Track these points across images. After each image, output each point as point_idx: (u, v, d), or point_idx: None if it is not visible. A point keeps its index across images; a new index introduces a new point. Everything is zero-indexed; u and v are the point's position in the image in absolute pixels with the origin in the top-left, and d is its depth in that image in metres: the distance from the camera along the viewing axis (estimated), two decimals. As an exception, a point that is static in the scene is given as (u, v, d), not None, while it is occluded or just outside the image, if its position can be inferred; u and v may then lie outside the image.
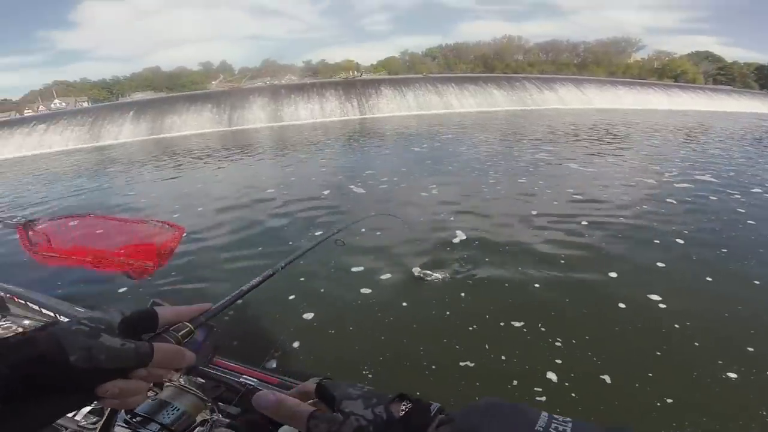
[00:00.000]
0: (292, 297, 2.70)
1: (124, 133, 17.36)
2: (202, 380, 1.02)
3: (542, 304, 2.58)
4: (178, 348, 0.38)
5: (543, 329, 2.29)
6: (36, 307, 1.42)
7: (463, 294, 2.72)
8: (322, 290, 2.83)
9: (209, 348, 0.47)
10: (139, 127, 17.59)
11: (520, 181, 5.75)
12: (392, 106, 20.02)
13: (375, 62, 47.46)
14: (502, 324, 2.36)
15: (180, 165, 9.38)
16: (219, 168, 8.72)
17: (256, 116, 19.03)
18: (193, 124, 18.00)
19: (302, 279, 2.91)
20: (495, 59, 44.30)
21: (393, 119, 17.45)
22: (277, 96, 20.49)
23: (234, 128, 17.91)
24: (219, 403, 0.97)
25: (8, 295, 1.49)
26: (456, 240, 3.61)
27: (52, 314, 1.38)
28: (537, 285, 2.81)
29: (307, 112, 19.45)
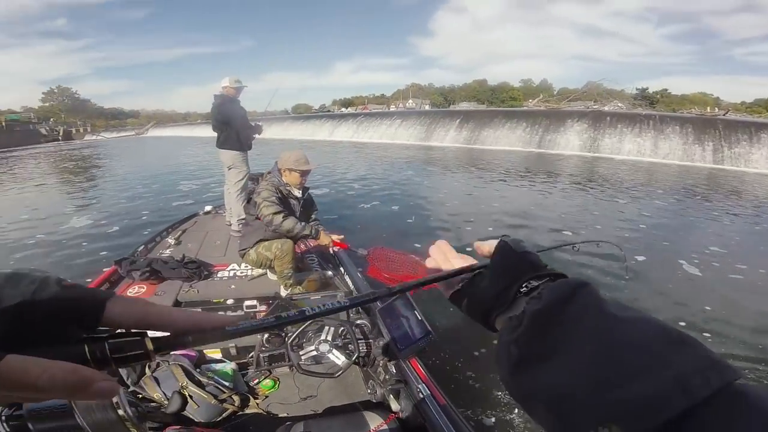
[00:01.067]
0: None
1: (448, 138, 20.99)
2: None
3: None
4: (71, 368, 0.21)
5: None
6: None
7: None
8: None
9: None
10: (460, 135, 20.84)
11: None
12: (776, 161, 14.24)
13: (750, 100, 35.29)
14: None
15: (483, 178, 10.65)
16: (516, 187, 9.25)
17: (569, 142, 18.42)
18: (504, 140, 19.57)
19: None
20: None
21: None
22: (599, 123, 18.93)
23: (541, 150, 18.13)
24: None
25: None
26: None
27: None
28: None
29: (633, 148, 16.93)
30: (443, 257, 0.45)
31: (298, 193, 2.59)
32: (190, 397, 1.71)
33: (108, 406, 0.82)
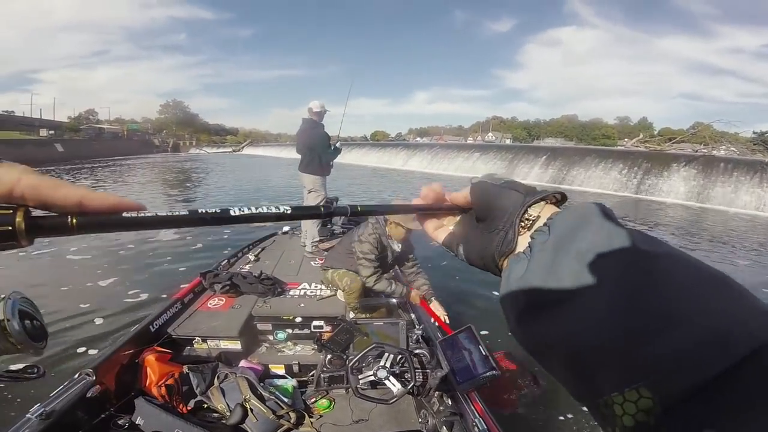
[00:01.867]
0: None
1: (532, 175, 20.11)
2: None
3: None
4: None
5: None
6: None
7: None
8: None
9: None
10: (545, 173, 19.88)
11: None
12: None
13: None
14: None
15: None
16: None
17: (674, 188, 16.42)
18: (595, 182, 18.18)
19: None
20: None
21: None
22: (710, 169, 16.60)
23: (639, 196, 16.43)
24: None
25: None
26: None
27: None
28: None
29: (752, 200, 14.46)
30: (435, 196, 0.39)
31: (397, 247, 2.70)
32: (251, 410, 1.78)
33: None
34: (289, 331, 2.42)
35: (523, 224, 0.29)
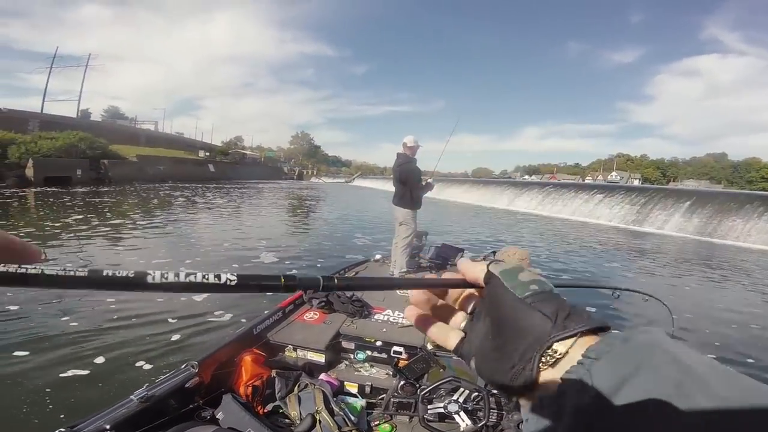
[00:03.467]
0: None
1: (671, 224, 17.12)
2: None
3: None
4: None
5: None
6: None
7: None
8: None
9: None
10: (690, 223, 16.67)
11: None
12: None
13: None
14: None
15: (728, 285, 7.83)
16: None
17: None
18: (758, 237, 14.51)
19: None
20: None
21: None
22: None
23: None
24: None
25: None
26: None
27: None
28: None
29: None
30: (427, 298, 0.32)
31: None
32: (319, 422, 1.87)
33: None
34: (369, 352, 2.51)
35: (543, 360, 0.24)
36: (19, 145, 20.19)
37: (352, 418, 1.96)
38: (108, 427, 1.30)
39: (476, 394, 1.69)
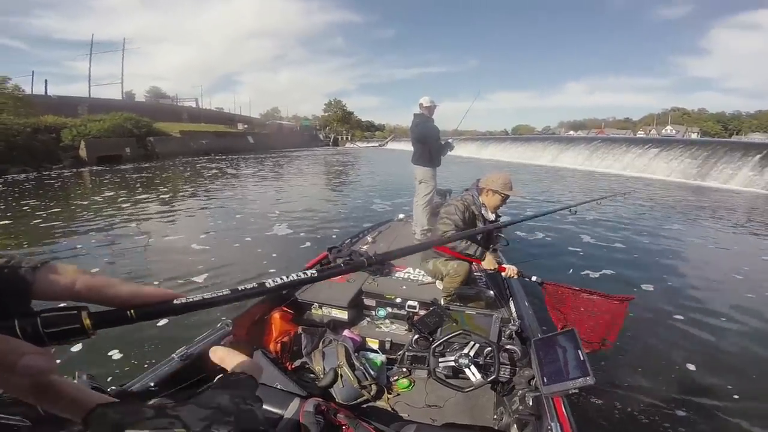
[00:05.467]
0: None
1: (738, 178, 15.41)
2: None
3: None
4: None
5: None
6: None
7: None
8: None
9: None
10: (762, 177, 14.86)
11: None
12: None
13: None
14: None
15: None
16: None
17: None
18: None
19: None
20: None
21: None
22: None
23: None
24: None
25: None
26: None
27: None
28: None
29: None
30: None
31: (491, 216, 2.64)
32: (341, 376, 1.92)
33: None
34: (389, 309, 2.54)
35: None
36: (70, 129, 21.47)
37: (372, 372, 2.01)
38: (152, 384, 1.40)
39: (488, 348, 1.67)
